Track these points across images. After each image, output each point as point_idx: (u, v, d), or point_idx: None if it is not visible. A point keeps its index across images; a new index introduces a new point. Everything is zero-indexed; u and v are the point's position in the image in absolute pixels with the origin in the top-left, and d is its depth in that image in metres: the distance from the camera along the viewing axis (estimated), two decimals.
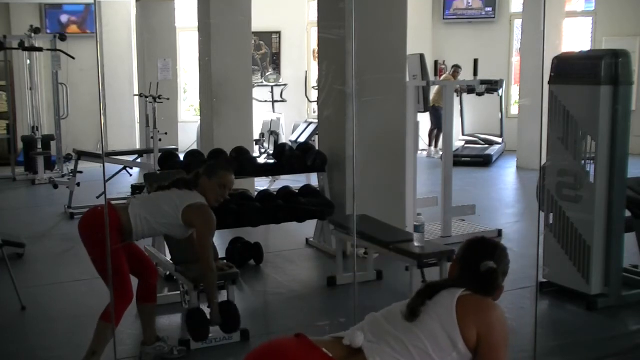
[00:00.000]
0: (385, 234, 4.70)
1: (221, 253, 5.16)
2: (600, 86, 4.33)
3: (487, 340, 2.09)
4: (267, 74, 12.93)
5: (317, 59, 6.63)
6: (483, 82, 7.77)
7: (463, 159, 10.64)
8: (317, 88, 6.67)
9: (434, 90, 10.62)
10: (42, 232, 6.88)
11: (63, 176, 9.63)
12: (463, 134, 12.32)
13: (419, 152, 7.64)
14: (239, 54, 7.78)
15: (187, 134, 11.22)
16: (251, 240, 5.66)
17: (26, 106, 10.74)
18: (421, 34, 11.91)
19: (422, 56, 6.49)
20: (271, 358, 2.09)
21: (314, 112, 11.29)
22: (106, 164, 7.76)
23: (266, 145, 10.87)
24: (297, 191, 5.91)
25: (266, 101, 12.10)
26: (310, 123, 10.72)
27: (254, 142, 9.36)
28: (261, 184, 7.88)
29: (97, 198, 6.13)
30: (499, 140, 11.87)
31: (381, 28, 5.70)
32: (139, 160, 8.88)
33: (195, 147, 9.42)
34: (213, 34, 7.54)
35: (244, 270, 5.25)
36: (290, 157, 5.94)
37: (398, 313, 2.16)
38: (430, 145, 12.05)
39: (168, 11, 10.68)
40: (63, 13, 12.35)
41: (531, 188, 7.16)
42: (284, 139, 10.84)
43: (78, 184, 7.70)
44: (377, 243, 4.60)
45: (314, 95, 10.15)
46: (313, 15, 12.61)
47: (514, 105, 12.59)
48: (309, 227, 6.13)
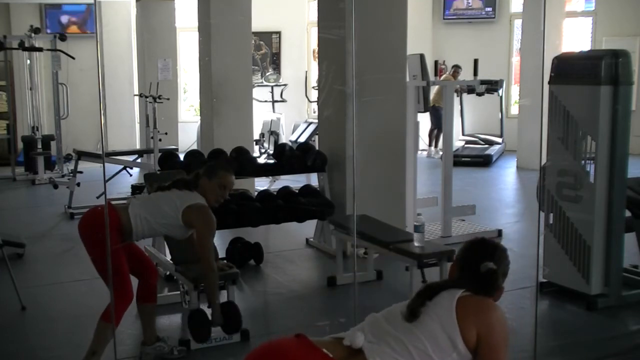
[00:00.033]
0: (385, 234, 4.70)
1: (221, 253, 5.16)
2: (600, 86, 4.33)
3: (487, 340, 2.09)
4: (267, 74, 12.93)
5: (317, 59, 6.63)
6: (483, 82, 7.76)
7: (463, 159, 10.63)
8: (317, 88, 6.67)
9: (434, 90, 10.61)
10: (42, 232, 6.87)
11: (63, 176, 9.63)
12: (463, 134, 12.31)
13: (419, 152, 7.63)
14: (239, 54, 7.78)
15: (187, 134, 11.22)
16: (251, 240, 5.66)
17: (26, 106, 10.73)
18: (421, 34, 11.91)
19: (422, 56, 6.49)
20: (271, 358, 2.08)
21: (314, 112, 11.29)
22: (106, 164, 7.76)
23: (266, 145, 10.87)
24: (297, 191, 5.91)
25: (266, 101, 12.10)
26: (310, 123, 10.72)
27: (254, 142, 9.36)
28: (261, 184, 7.87)
29: (97, 198, 6.13)
30: (499, 140, 11.87)
31: (381, 28, 5.70)
32: (139, 160, 8.88)
33: (195, 147, 9.42)
34: (213, 34, 7.54)
35: (244, 270, 5.25)
36: (290, 157, 5.94)
37: (398, 314, 2.16)
38: (430, 145, 12.04)
39: (168, 11, 10.68)
40: (63, 13, 12.35)
41: (531, 188, 7.16)
42: (284, 139, 10.83)
43: (78, 184, 7.70)
44: (377, 243, 4.60)
45: (314, 95, 10.14)
46: (313, 15, 12.61)
47: (514, 105, 12.59)
48: (309, 227, 6.13)
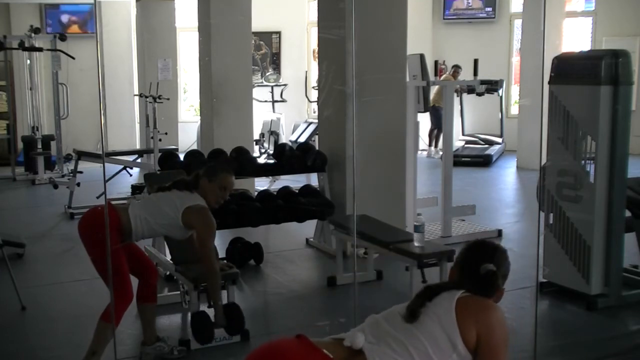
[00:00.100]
0: (385, 234, 4.70)
1: (221, 253, 5.16)
2: (600, 86, 4.33)
3: (487, 341, 2.09)
4: (267, 74, 12.93)
5: (317, 59, 6.63)
6: (483, 82, 7.76)
7: (463, 159, 10.63)
8: (317, 88, 6.67)
9: (434, 90, 10.61)
10: (42, 232, 6.87)
11: (63, 176, 9.63)
12: (463, 134, 12.31)
13: (419, 152, 7.63)
14: (239, 54, 7.78)
15: (187, 134, 11.23)
16: (251, 240, 5.66)
17: (26, 106, 10.74)
18: (421, 34, 11.91)
19: (422, 56, 6.49)
20: (272, 359, 2.08)
21: (314, 112, 11.29)
22: (106, 164, 7.75)
23: (266, 145, 10.87)
24: (297, 191, 5.91)
25: (266, 101, 12.10)
26: (310, 123, 10.72)
27: (254, 142, 9.36)
28: (261, 184, 7.88)
29: (97, 198, 6.13)
30: (499, 140, 11.87)
31: (381, 28, 5.70)
32: (139, 160, 8.88)
33: (195, 147, 9.42)
34: (213, 34, 7.54)
35: (244, 270, 5.25)
36: (290, 157, 5.94)
37: (398, 315, 2.16)
38: (430, 145, 12.04)
39: (168, 11, 10.68)
40: (63, 13, 12.34)
41: (531, 188, 7.16)
42: (284, 139, 10.84)
43: (78, 184, 7.70)
44: (377, 243, 4.60)
45: (314, 95, 10.14)
46: (313, 15, 12.61)
47: (514, 105, 12.59)
48: (309, 227, 6.13)
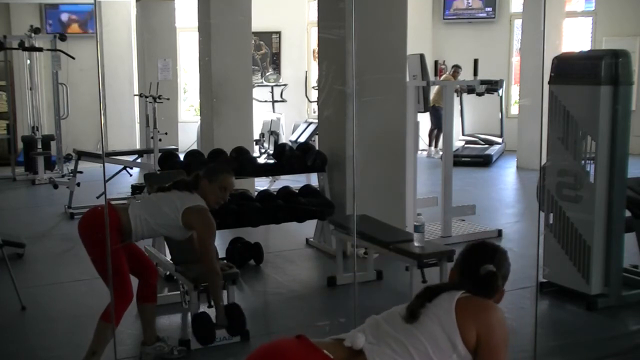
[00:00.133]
0: (385, 234, 4.70)
1: (221, 253, 5.16)
2: (600, 86, 4.33)
3: (487, 341, 2.09)
4: (267, 74, 12.93)
5: (317, 59, 6.63)
6: (483, 82, 7.76)
7: (463, 159, 10.63)
8: (317, 88, 6.67)
9: (434, 90, 10.61)
10: (42, 232, 6.87)
11: (63, 176, 9.63)
12: (463, 134, 12.31)
13: (419, 152, 7.63)
14: (239, 54, 7.78)
15: (187, 134, 11.22)
16: (251, 240, 5.66)
17: (26, 106, 10.74)
18: (421, 34, 11.91)
19: (422, 56, 6.49)
20: (272, 359, 2.08)
21: (314, 112, 11.29)
22: (106, 164, 7.75)
23: (266, 145, 10.87)
24: (297, 191, 5.91)
25: (266, 101, 12.10)
26: (310, 123, 10.71)
27: (254, 142, 9.36)
28: (261, 184, 7.87)
29: (97, 198, 6.13)
30: (499, 140, 11.87)
31: (381, 28, 5.69)
32: (139, 160, 8.87)
33: (195, 147, 9.42)
34: (213, 34, 7.54)
35: (244, 270, 5.25)
36: (290, 157, 5.94)
37: (398, 315, 2.16)
38: (430, 145, 12.04)
39: (168, 11, 10.68)
40: (63, 13, 12.33)
41: (531, 188, 7.16)
42: (284, 139, 10.83)
43: (78, 184, 7.70)
44: (377, 243, 4.60)
45: (314, 95, 10.14)
46: (313, 15, 12.61)
47: (514, 105, 12.59)
48: (309, 227, 6.13)
